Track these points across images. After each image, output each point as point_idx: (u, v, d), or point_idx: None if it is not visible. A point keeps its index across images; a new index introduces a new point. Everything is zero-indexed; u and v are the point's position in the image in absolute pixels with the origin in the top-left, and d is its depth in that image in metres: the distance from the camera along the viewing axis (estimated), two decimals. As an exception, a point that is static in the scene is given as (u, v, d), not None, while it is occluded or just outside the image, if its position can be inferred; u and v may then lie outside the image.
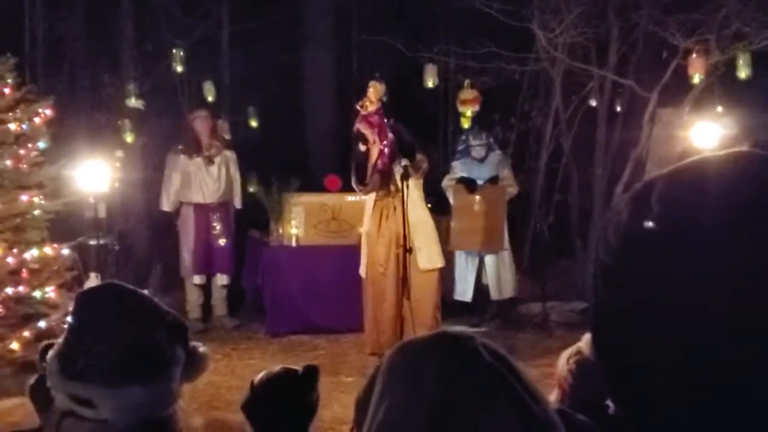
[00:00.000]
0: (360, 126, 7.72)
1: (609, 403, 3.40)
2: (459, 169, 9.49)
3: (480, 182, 9.28)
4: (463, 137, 9.93)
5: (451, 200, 9.31)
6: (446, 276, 9.61)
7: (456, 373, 1.17)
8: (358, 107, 7.83)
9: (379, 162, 7.62)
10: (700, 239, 0.91)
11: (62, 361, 1.70)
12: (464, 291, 9.50)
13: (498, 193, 9.33)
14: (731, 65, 9.21)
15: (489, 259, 9.46)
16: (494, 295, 9.46)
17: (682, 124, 8.92)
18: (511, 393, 1.16)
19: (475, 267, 9.50)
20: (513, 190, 9.56)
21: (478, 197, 9.19)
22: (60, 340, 1.77)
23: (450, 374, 1.17)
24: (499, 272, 9.48)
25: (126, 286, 1.87)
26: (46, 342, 3.11)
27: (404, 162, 7.62)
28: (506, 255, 9.56)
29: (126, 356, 1.69)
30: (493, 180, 9.41)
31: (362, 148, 7.66)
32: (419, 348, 1.22)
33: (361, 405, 1.26)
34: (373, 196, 7.74)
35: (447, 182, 9.47)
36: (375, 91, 7.83)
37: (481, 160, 9.52)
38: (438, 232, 9.25)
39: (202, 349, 1.95)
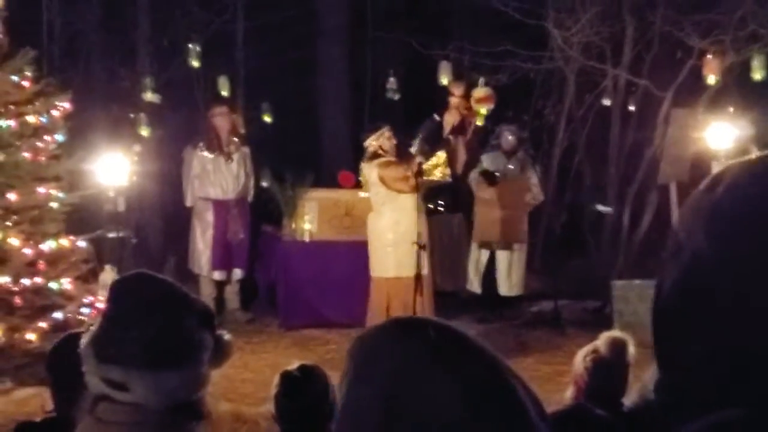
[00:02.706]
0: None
1: (624, 400, 3.43)
2: (486, 161, 9.56)
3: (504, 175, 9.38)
4: (497, 128, 9.97)
5: (474, 192, 9.42)
6: (459, 269, 9.68)
7: (400, 349, 1.21)
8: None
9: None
10: None
11: (97, 346, 1.74)
12: (474, 282, 9.55)
13: (519, 187, 9.39)
14: (746, 66, 9.21)
15: (501, 255, 9.49)
16: (502, 290, 9.48)
17: (696, 124, 8.91)
18: (452, 364, 1.17)
19: (486, 260, 9.53)
20: (540, 195, 9.63)
21: (498, 190, 9.27)
22: (93, 326, 1.81)
23: (395, 351, 1.21)
24: (511, 268, 9.51)
25: (157, 275, 1.92)
26: (68, 333, 3.17)
27: (420, 159, 7.70)
28: (519, 252, 9.59)
29: (159, 341, 1.74)
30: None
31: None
32: (373, 333, 1.27)
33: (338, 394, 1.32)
34: (383, 193, 7.83)
35: (472, 175, 9.57)
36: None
37: (511, 153, 9.57)
38: (449, 229, 9.36)
39: (227, 336, 2.01)
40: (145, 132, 10.22)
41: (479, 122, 10.20)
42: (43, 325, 6.80)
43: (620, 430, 2.82)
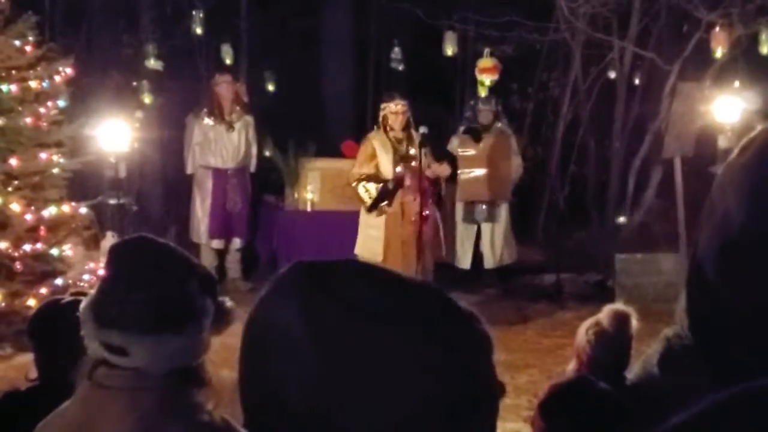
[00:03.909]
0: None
1: (626, 373, 3.42)
2: (454, 143, 9.39)
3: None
4: (471, 102, 9.85)
5: (458, 151, 9.24)
6: (449, 243, 9.62)
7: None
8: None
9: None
10: None
11: (96, 310, 1.71)
12: (462, 258, 9.46)
13: (504, 142, 9.25)
14: (754, 40, 9.15)
15: (485, 227, 9.38)
16: (488, 263, 9.40)
17: (702, 98, 8.86)
18: (301, 294, 1.15)
19: (473, 235, 9.46)
20: (520, 169, 9.45)
21: (482, 146, 9.14)
22: (92, 290, 1.79)
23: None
24: (494, 239, 9.41)
25: (157, 239, 1.89)
26: (48, 300, 3.14)
27: (423, 129, 7.65)
28: (503, 223, 9.43)
29: (160, 305, 1.71)
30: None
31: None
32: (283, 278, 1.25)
33: None
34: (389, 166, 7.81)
35: (453, 139, 9.40)
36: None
37: (487, 127, 9.40)
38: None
39: (229, 303, 1.98)
40: (147, 99, 10.19)
41: (482, 93, 10.13)
42: (43, 291, 6.80)
43: (622, 403, 2.81)
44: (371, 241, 7.96)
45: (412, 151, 7.75)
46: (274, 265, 9.51)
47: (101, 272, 6.23)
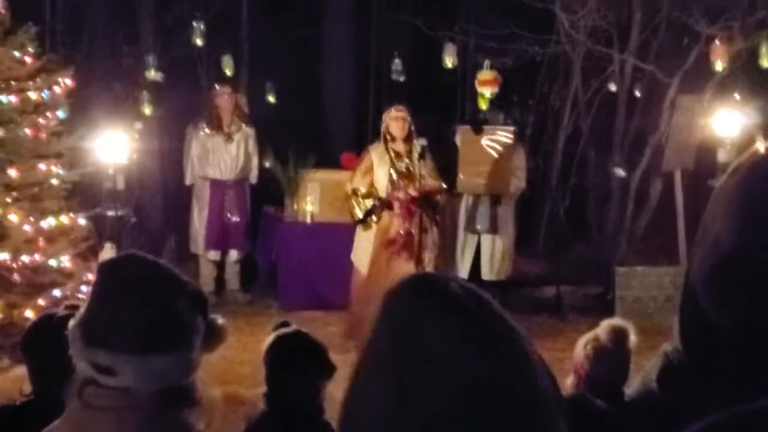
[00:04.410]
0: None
1: (625, 389, 3.40)
2: None
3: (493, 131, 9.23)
4: (481, 117, 9.89)
5: (458, 142, 9.24)
6: (449, 254, 9.59)
7: (417, 300, 1.22)
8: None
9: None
10: None
11: (85, 329, 1.70)
12: (461, 268, 9.43)
13: (503, 136, 9.22)
14: (754, 53, 9.14)
15: (485, 239, 9.36)
16: (485, 275, 9.37)
17: (702, 111, 8.85)
18: (470, 324, 1.17)
19: (474, 246, 9.43)
20: (521, 183, 9.43)
21: (483, 138, 9.11)
22: (81, 308, 1.78)
23: (412, 302, 1.22)
24: (494, 253, 9.38)
25: (147, 256, 1.88)
26: (42, 314, 3.12)
27: (422, 141, 7.64)
28: (505, 237, 9.42)
29: (149, 324, 1.70)
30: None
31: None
32: (396, 287, 1.27)
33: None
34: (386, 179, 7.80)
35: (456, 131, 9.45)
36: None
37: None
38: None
39: (220, 320, 1.97)
40: (147, 110, 10.18)
41: (482, 105, 10.13)
42: (41, 302, 6.78)
43: (620, 420, 2.78)
44: (362, 253, 7.98)
45: (410, 167, 7.72)
46: (273, 277, 9.50)
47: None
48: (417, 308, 1.20)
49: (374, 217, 7.77)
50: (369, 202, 7.83)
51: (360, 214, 7.87)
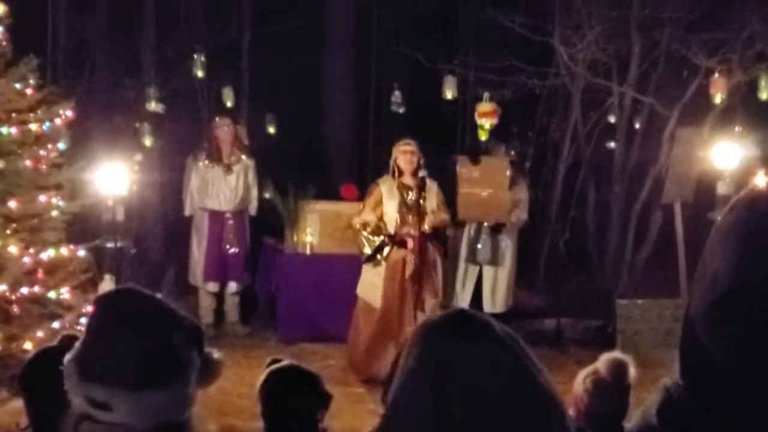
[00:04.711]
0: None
1: (625, 423, 3.38)
2: None
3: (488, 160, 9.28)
4: (482, 147, 9.93)
5: (458, 171, 9.27)
6: (448, 285, 9.57)
7: (467, 336, 1.29)
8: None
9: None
10: None
11: (80, 364, 1.69)
12: (462, 300, 9.43)
13: (501, 165, 9.26)
14: (753, 86, 9.17)
15: (487, 270, 9.38)
16: (487, 307, 9.36)
17: (702, 143, 8.87)
18: (516, 362, 1.31)
19: (475, 277, 9.44)
20: (523, 215, 9.47)
21: (480, 167, 9.13)
22: (77, 343, 1.77)
23: (461, 337, 1.29)
24: (496, 285, 9.40)
25: (143, 291, 1.87)
26: (40, 348, 3.11)
27: (422, 173, 7.66)
28: (506, 269, 9.44)
29: (144, 359, 1.69)
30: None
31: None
32: (438, 319, 1.35)
33: (389, 381, 1.39)
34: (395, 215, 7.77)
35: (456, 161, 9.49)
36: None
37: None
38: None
39: (216, 355, 1.96)
40: (148, 142, 10.20)
41: (482, 137, 10.15)
42: (40, 334, 6.75)
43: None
44: (371, 287, 7.92)
45: (420, 200, 7.72)
46: (272, 309, 9.47)
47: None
48: (465, 349, 1.27)
49: (384, 253, 7.74)
50: (378, 239, 7.80)
51: (369, 251, 7.85)
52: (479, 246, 9.35)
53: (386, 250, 7.74)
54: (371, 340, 7.76)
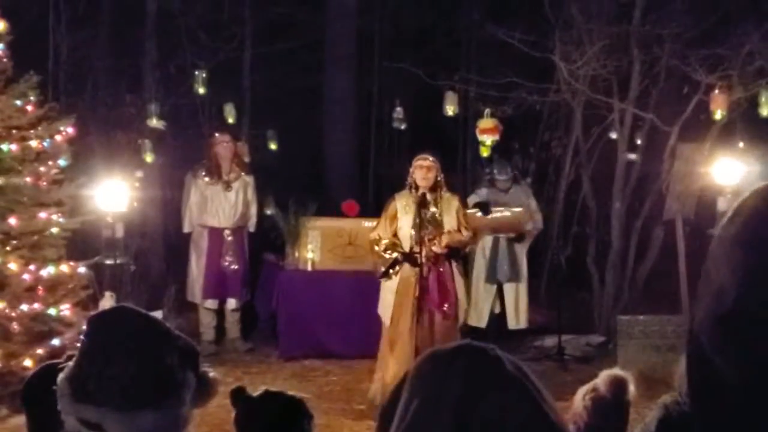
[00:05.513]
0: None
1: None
2: (483, 195, 9.51)
3: (502, 210, 9.26)
4: (488, 170, 9.95)
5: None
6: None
7: (481, 375, 1.28)
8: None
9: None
10: None
11: (73, 384, 1.68)
12: (479, 317, 9.42)
13: (509, 222, 9.29)
14: (753, 102, 9.17)
15: (508, 287, 9.42)
16: (511, 324, 9.39)
17: (702, 159, 8.87)
18: (531, 400, 1.29)
19: (492, 294, 9.44)
20: (539, 224, 9.62)
21: (492, 222, 9.15)
22: (70, 363, 1.75)
23: (476, 375, 1.28)
24: (518, 300, 9.45)
25: (138, 310, 1.86)
26: (44, 364, 3.09)
27: (423, 190, 7.59)
28: (524, 284, 9.54)
29: (137, 380, 1.67)
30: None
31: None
32: (447, 353, 1.33)
33: (386, 415, 1.35)
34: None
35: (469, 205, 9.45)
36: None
37: (506, 191, 9.59)
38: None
39: (212, 374, 1.94)
40: (149, 158, 10.21)
41: (484, 153, 10.16)
42: (40, 351, 6.74)
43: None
44: (386, 305, 7.61)
45: (437, 216, 7.41)
46: (273, 325, 9.45)
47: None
48: (477, 385, 1.27)
49: (396, 267, 7.51)
50: (391, 255, 7.55)
51: (382, 268, 7.63)
52: (498, 263, 9.38)
53: (398, 267, 7.50)
54: (393, 362, 7.43)
